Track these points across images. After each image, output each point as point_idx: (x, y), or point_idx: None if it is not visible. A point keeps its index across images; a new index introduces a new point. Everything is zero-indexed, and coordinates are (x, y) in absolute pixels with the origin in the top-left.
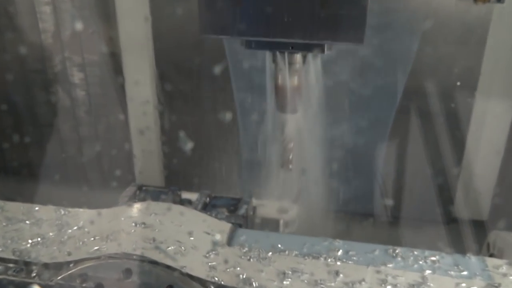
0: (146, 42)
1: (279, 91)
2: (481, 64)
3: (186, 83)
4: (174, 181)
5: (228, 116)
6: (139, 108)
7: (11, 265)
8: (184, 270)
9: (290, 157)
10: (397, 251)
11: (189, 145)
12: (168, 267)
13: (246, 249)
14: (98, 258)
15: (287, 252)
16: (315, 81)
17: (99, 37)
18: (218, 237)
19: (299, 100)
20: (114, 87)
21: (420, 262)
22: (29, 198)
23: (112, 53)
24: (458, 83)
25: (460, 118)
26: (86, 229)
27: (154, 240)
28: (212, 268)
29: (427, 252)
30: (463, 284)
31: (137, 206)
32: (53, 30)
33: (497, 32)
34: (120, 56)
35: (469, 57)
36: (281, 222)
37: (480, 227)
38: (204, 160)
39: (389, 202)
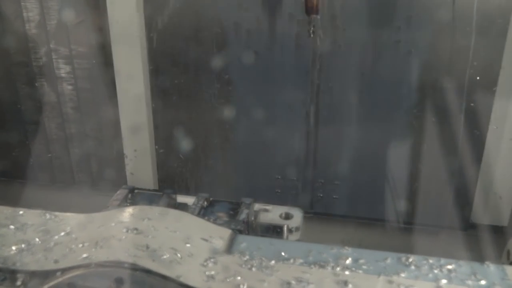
0: (139, 33)
1: None
2: (502, 58)
3: (182, 77)
4: (168, 183)
5: (227, 113)
6: (130, 104)
7: None
8: (180, 280)
9: None
10: (410, 259)
11: (184, 145)
12: (163, 276)
13: (247, 257)
14: (87, 266)
15: (291, 260)
16: None
17: (88, 27)
18: (216, 244)
19: None
20: (104, 81)
21: (435, 271)
22: (11, 200)
23: (102, 44)
24: (478, 78)
25: (479, 116)
26: (74, 235)
27: (147, 247)
28: (210, 277)
29: (442, 260)
30: None
31: (129, 211)
32: (38, 20)
33: None
34: (110, 48)
35: (489, 51)
36: (285, 228)
37: (499, 234)
38: (201, 161)
39: (402, 206)
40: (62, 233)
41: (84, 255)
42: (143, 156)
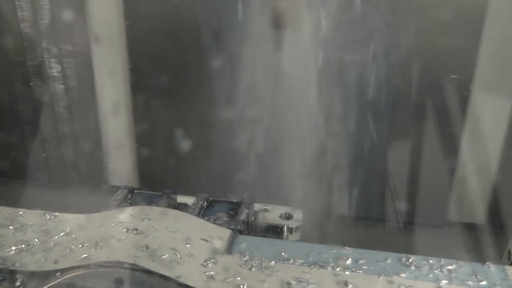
0: (118, 32)
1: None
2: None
3: (163, 76)
4: (149, 182)
5: (208, 111)
6: (110, 103)
7: None
8: (180, 280)
9: None
10: (411, 259)
11: (166, 143)
12: (163, 276)
13: (247, 257)
14: (87, 266)
15: (291, 260)
16: None
17: (74, 27)
18: (216, 244)
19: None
20: (87, 80)
21: (436, 271)
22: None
23: (87, 43)
24: (454, 76)
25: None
26: (74, 235)
27: (147, 247)
28: (210, 278)
29: (443, 261)
30: None
31: (129, 211)
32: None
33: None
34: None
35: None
36: (285, 228)
37: (476, 231)
38: (182, 158)
39: (402, 206)
40: (62, 234)
41: (84, 256)
42: (123, 155)
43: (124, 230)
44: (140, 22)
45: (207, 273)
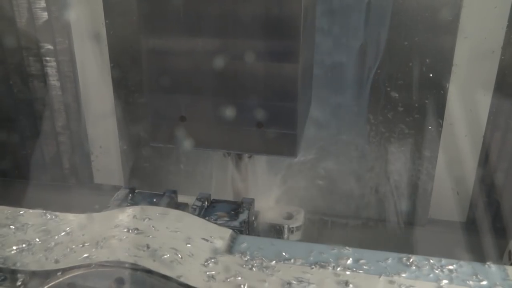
0: (100, 30)
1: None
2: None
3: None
4: (136, 180)
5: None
6: (93, 102)
7: None
8: (181, 280)
9: None
10: (411, 259)
11: (148, 145)
12: (163, 276)
13: (248, 257)
14: (87, 266)
15: (292, 260)
16: None
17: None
18: (217, 244)
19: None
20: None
21: (437, 271)
22: None
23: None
24: (430, 75)
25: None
26: (75, 235)
27: (148, 247)
28: (211, 277)
29: (444, 261)
30: None
31: (130, 211)
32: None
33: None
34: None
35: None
36: (286, 227)
37: (500, 234)
38: (171, 157)
39: (402, 205)
40: (63, 233)
41: (85, 255)
42: (108, 153)
43: (125, 230)
44: (120, 20)
45: (207, 273)
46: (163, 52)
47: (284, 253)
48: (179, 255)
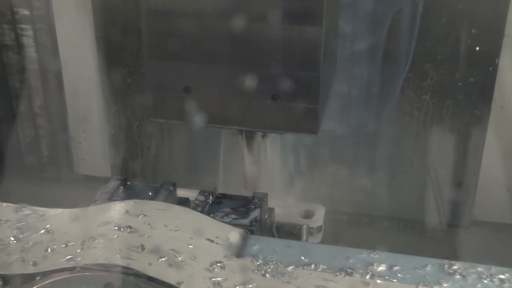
0: None
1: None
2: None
3: (135, 46)
4: (123, 170)
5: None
6: (75, 78)
7: None
8: (181, 287)
9: None
10: (455, 266)
11: (142, 127)
12: (161, 282)
13: (260, 261)
14: (71, 270)
15: (312, 266)
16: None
17: None
18: (224, 245)
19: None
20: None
21: (485, 281)
22: None
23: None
24: (477, 48)
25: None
26: (56, 234)
27: (142, 248)
28: (217, 284)
29: (493, 269)
30: None
31: (121, 206)
32: None
33: None
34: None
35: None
36: (305, 228)
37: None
38: (163, 145)
39: (441, 203)
40: (42, 231)
41: (68, 257)
42: (93, 138)
43: (116, 228)
44: None
45: (213, 279)
46: (166, 12)
47: (303, 257)
48: (180, 258)
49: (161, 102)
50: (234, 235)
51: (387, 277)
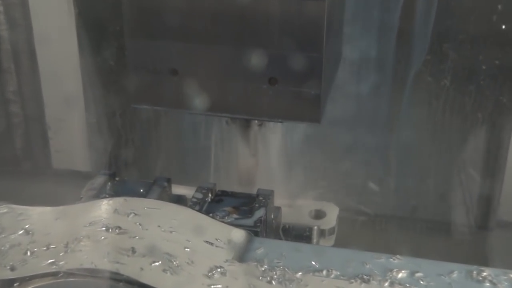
0: None
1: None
2: None
3: (119, 24)
4: (103, 164)
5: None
6: (53, 56)
7: None
8: None
9: None
10: (484, 273)
11: (125, 114)
12: None
13: (266, 266)
14: (54, 275)
15: (324, 272)
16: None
17: None
18: (225, 248)
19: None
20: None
21: None
22: None
23: None
24: (503, 27)
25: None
26: (36, 234)
27: (133, 251)
28: None
29: None
30: None
31: (109, 204)
32: None
33: None
34: None
35: None
36: (315, 229)
37: None
38: (147, 137)
39: (463, 203)
40: (21, 232)
41: (50, 261)
42: (71, 127)
43: (103, 229)
44: None
45: (212, 287)
46: None
47: (313, 262)
48: (175, 262)
49: (145, 86)
50: (237, 235)
51: (408, 285)
